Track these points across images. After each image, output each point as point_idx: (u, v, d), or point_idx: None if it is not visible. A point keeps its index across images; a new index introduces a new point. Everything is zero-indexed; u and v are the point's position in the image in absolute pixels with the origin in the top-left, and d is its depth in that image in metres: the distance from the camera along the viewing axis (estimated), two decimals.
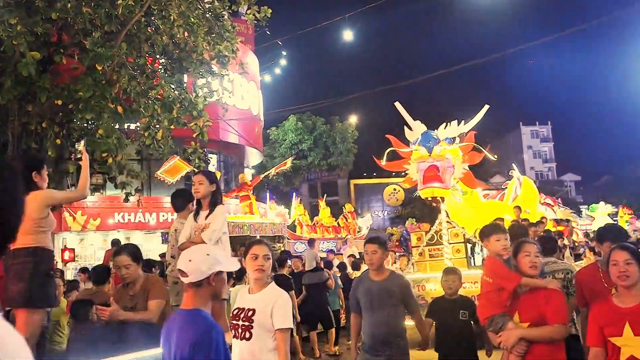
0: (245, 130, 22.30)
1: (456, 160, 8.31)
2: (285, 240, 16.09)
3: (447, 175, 8.14)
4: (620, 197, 29.88)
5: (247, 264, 3.45)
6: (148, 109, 9.63)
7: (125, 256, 4.31)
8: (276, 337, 3.24)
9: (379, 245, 4.47)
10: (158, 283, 4.45)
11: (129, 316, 4.13)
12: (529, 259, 3.53)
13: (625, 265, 3.11)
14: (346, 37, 16.71)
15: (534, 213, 12.21)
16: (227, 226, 5.09)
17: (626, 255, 3.14)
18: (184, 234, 4.98)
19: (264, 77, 25.03)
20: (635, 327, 3.02)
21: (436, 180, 7.93)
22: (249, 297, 3.45)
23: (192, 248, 2.87)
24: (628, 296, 3.14)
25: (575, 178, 68.86)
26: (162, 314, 4.22)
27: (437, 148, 7.92)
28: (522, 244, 3.64)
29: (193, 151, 10.73)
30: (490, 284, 3.63)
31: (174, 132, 10.20)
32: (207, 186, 4.95)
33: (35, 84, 8.38)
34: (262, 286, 3.43)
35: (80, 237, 17.94)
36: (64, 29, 9.34)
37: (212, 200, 4.96)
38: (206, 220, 4.85)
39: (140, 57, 9.85)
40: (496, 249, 3.76)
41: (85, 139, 8.16)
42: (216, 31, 10.82)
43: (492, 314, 3.56)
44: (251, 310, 3.34)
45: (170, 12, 9.54)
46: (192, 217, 5.04)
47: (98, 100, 8.58)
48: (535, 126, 74.40)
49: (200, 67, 10.78)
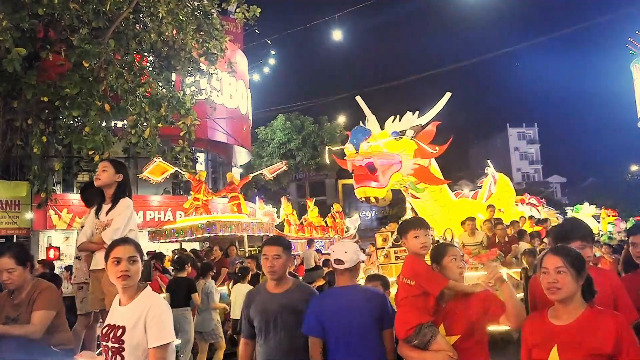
0: (233, 129, 22.26)
1: (404, 156, 7.40)
2: None
3: (388, 173, 7.27)
4: (605, 199, 30.27)
5: (109, 270, 2.84)
6: (135, 107, 9.58)
7: (7, 258, 3.59)
8: (150, 358, 2.67)
9: (283, 248, 3.52)
10: (47, 291, 3.74)
11: (5, 330, 3.47)
12: (455, 263, 3.14)
13: (556, 275, 2.50)
14: (335, 36, 16.72)
15: (509, 212, 11.57)
16: (135, 223, 4.46)
17: (558, 261, 2.52)
18: (85, 232, 4.43)
19: (253, 76, 25.00)
20: (563, 352, 2.46)
21: (368, 180, 7.12)
22: (117, 312, 2.84)
23: (343, 242, 3.47)
24: (564, 312, 2.53)
25: (561, 180, 69.50)
26: (54, 326, 3.64)
27: (364, 145, 7.01)
28: (447, 248, 3.25)
29: (181, 150, 10.70)
30: (412, 287, 3.13)
31: (162, 130, 10.16)
32: (111, 175, 4.36)
33: (21, 80, 8.30)
34: (132, 296, 2.82)
35: (66, 236, 17.77)
36: (50, 25, 9.27)
37: (116, 192, 4.36)
38: (107, 216, 4.27)
39: (128, 55, 9.80)
40: (414, 247, 3.27)
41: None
42: (205, 29, 10.80)
43: (419, 323, 3.00)
44: (120, 328, 2.75)
45: (158, 9, 9.50)
46: (93, 212, 4.44)
47: (85, 97, 8.52)
48: (522, 128, 74.96)
49: (188, 65, 10.74)
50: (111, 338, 2.74)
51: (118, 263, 2.79)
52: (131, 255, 2.82)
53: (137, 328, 2.71)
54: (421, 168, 7.66)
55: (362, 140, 6.98)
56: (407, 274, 3.21)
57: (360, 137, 7.00)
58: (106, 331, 2.80)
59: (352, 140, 7.08)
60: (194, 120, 10.31)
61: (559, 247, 2.69)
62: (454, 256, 3.16)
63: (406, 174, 7.51)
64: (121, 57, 9.66)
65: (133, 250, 2.85)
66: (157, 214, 18.94)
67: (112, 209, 4.29)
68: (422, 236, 3.27)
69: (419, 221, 3.43)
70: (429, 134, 7.68)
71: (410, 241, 3.27)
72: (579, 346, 2.41)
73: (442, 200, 9.19)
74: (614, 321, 2.42)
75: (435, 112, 7.87)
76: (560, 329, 2.50)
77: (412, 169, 7.53)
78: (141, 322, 2.71)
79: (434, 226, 9.89)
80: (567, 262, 2.50)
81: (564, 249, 2.63)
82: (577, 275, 2.50)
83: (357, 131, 7.20)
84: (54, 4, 8.05)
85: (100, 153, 8.92)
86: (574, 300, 2.51)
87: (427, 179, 7.92)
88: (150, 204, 19.04)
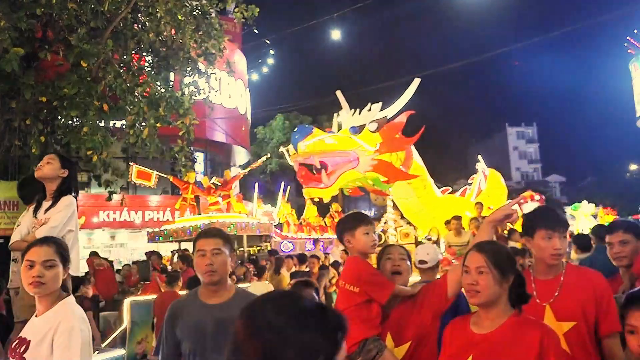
0: (232, 129, 22.28)
1: (360, 152, 6.74)
2: (272, 239, 16.07)
3: (337, 173, 6.60)
4: (604, 198, 30.28)
5: (22, 275, 2.45)
6: (134, 107, 9.56)
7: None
8: None
9: (224, 241, 2.72)
10: None
11: None
12: (390, 262, 2.88)
13: (477, 275, 2.16)
14: (334, 36, 16.74)
15: None
16: (76, 224, 4.11)
17: (480, 259, 2.17)
18: (20, 230, 4.07)
19: (252, 76, 25.00)
20: None
21: (311, 180, 6.60)
22: (31, 323, 2.47)
23: (425, 245, 3.86)
24: (485, 318, 2.19)
25: (560, 179, 69.56)
26: None
27: (301, 144, 6.43)
28: (385, 247, 2.98)
29: (179, 150, 10.67)
30: (354, 294, 2.69)
31: (160, 130, 10.13)
32: (55, 168, 4.00)
33: (19, 80, 8.28)
34: (48, 306, 2.42)
35: None
36: (48, 25, 9.24)
37: (59, 189, 4.00)
38: (46, 214, 3.91)
39: (126, 54, 9.78)
40: (364, 246, 2.84)
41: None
42: (203, 29, 10.78)
43: (363, 338, 2.62)
44: (26, 343, 2.36)
45: (157, 9, 9.48)
46: (31, 210, 4.06)
47: (83, 97, 8.49)
48: (521, 127, 75.05)
49: (187, 65, 10.72)
50: (16, 354, 2.35)
51: (31, 267, 2.39)
52: (48, 258, 2.41)
53: (42, 345, 2.31)
54: (382, 163, 6.88)
55: (301, 139, 6.45)
56: (349, 279, 2.77)
57: (298, 137, 6.50)
58: (15, 345, 2.41)
59: (293, 140, 6.64)
60: (193, 120, 10.28)
61: (484, 243, 2.31)
62: (389, 255, 2.90)
63: (364, 171, 6.79)
64: (119, 57, 9.65)
65: (51, 253, 2.43)
66: (156, 214, 18.95)
67: (52, 206, 3.92)
68: (372, 232, 2.87)
69: (365, 216, 3.01)
70: (398, 126, 6.99)
71: (359, 239, 2.83)
72: (497, 359, 2.09)
73: (426, 197, 8.74)
74: (540, 332, 2.06)
75: (404, 102, 7.25)
76: (479, 338, 2.16)
77: (371, 165, 6.81)
78: (48, 337, 2.32)
79: (419, 225, 9.49)
80: (489, 261, 2.14)
81: (490, 245, 2.28)
82: (501, 276, 2.13)
83: (297, 131, 6.72)
84: (52, 4, 8.03)
85: (99, 153, 8.90)
86: (497, 305, 2.15)
87: (391, 174, 7.07)
88: (149, 204, 19.05)
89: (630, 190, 43.23)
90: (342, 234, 2.92)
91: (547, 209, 2.96)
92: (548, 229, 2.53)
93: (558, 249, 2.51)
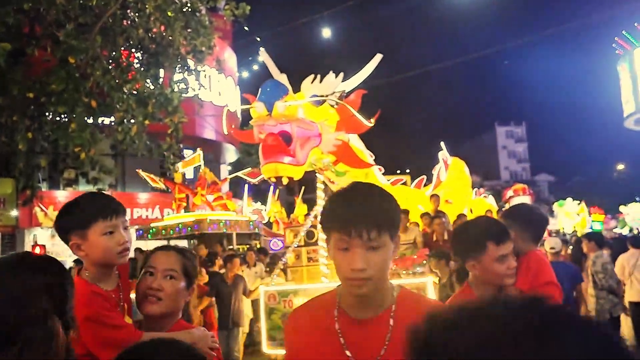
0: (222, 127, 22.19)
1: (324, 128, 5.23)
2: (261, 237, 16.04)
3: (306, 148, 5.07)
4: (591, 197, 30.55)
5: None
6: (122, 104, 9.51)
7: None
8: None
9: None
10: None
11: None
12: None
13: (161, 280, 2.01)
14: (325, 34, 16.73)
15: (461, 203, 9.12)
16: None
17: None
18: None
19: (242, 74, 24.90)
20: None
21: (281, 154, 4.77)
22: None
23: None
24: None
25: (548, 178, 70.12)
26: None
27: (279, 105, 4.61)
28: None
29: (168, 147, 10.63)
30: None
31: (149, 127, 10.09)
32: None
33: (6, 76, 8.21)
34: None
35: (52, 233, 17.58)
36: (36, 20, 9.16)
37: None
38: None
39: (115, 51, 9.73)
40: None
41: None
42: (193, 26, 10.73)
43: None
44: None
45: (146, 5, 9.43)
46: None
47: (71, 93, 8.43)
48: (510, 126, 75.49)
49: (176, 62, 10.67)
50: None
51: None
52: None
53: None
54: (344, 145, 5.48)
55: (279, 98, 4.67)
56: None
57: (275, 94, 4.72)
58: None
59: (261, 97, 4.77)
60: (182, 118, 10.24)
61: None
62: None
63: (326, 151, 5.33)
64: (108, 53, 9.59)
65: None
66: (145, 212, 18.84)
67: None
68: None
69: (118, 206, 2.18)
70: (353, 104, 5.48)
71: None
72: None
73: None
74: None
75: (363, 77, 5.97)
76: None
77: (335, 146, 5.34)
78: None
79: None
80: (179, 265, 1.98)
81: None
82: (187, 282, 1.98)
83: (270, 85, 4.91)
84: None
85: (87, 150, 8.85)
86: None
87: (349, 159, 5.75)
88: (138, 202, 18.94)
89: (617, 189, 43.66)
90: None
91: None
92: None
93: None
